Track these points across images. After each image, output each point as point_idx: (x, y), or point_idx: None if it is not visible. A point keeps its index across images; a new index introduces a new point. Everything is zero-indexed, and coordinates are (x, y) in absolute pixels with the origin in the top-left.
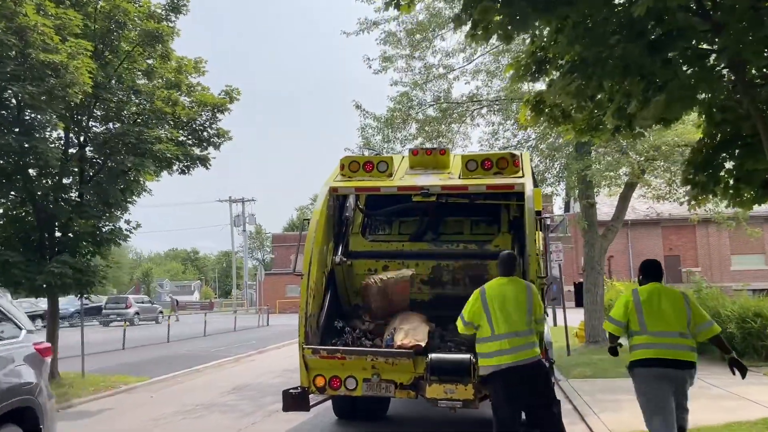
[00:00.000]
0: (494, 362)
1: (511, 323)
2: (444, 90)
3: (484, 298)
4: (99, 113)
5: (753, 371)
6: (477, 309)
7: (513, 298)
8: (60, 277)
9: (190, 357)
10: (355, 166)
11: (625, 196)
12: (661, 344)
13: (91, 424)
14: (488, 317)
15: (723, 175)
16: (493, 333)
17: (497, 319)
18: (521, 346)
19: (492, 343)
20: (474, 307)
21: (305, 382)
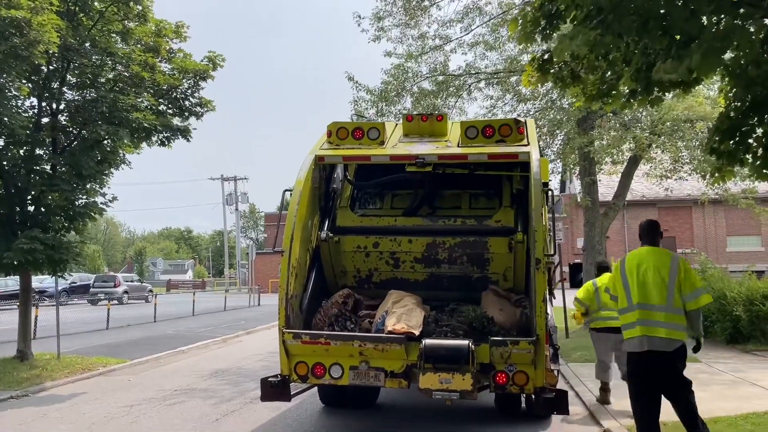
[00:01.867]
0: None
1: (646, 295)
2: (440, 63)
3: (623, 268)
4: (73, 80)
5: (761, 356)
6: (617, 278)
7: (653, 269)
8: (30, 254)
9: (175, 337)
10: (344, 133)
11: (628, 173)
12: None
13: (59, 410)
14: (625, 286)
15: (752, 143)
16: (631, 302)
17: (635, 289)
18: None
19: (628, 314)
20: (615, 276)
21: (285, 370)
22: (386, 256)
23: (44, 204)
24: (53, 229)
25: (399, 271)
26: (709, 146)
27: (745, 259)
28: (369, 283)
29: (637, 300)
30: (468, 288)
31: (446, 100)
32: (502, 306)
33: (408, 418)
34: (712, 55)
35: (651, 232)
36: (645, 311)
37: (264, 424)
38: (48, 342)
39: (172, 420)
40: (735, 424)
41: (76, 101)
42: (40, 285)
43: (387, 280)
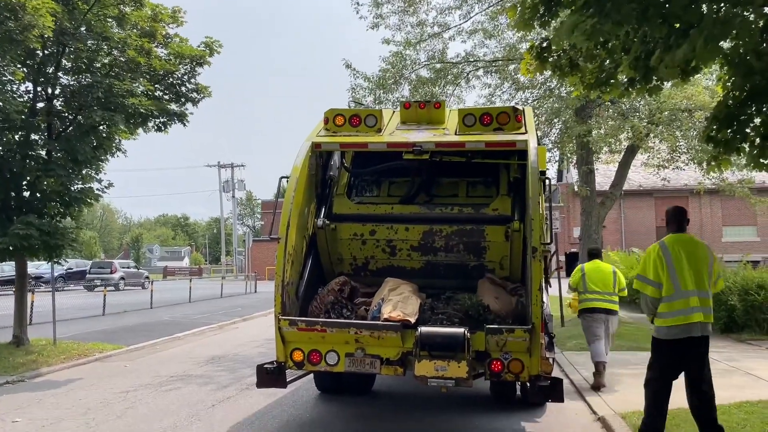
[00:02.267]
0: (680, 321)
1: (698, 281)
2: (438, 50)
3: (666, 252)
4: (68, 64)
5: (755, 345)
6: (660, 264)
7: (695, 256)
8: (26, 240)
9: (171, 324)
10: (341, 120)
11: (625, 163)
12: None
13: (55, 395)
14: (672, 273)
15: (749, 133)
16: (680, 289)
17: (683, 274)
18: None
19: (677, 302)
20: (657, 262)
21: (281, 357)
22: (383, 243)
23: (39, 189)
24: (49, 214)
25: (395, 259)
26: (707, 134)
27: (741, 249)
28: (365, 271)
29: (688, 287)
30: (464, 276)
31: (444, 88)
32: (498, 294)
33: (403, 406)
34: (711, 43)
35: (680, 217)
36: (695, 298)
37: (260, 411)
38: (44, 328)
39: (168, 406)
40: (729, 413)
41: (71, 86)
42: (36, 271)
43: (383, 267)
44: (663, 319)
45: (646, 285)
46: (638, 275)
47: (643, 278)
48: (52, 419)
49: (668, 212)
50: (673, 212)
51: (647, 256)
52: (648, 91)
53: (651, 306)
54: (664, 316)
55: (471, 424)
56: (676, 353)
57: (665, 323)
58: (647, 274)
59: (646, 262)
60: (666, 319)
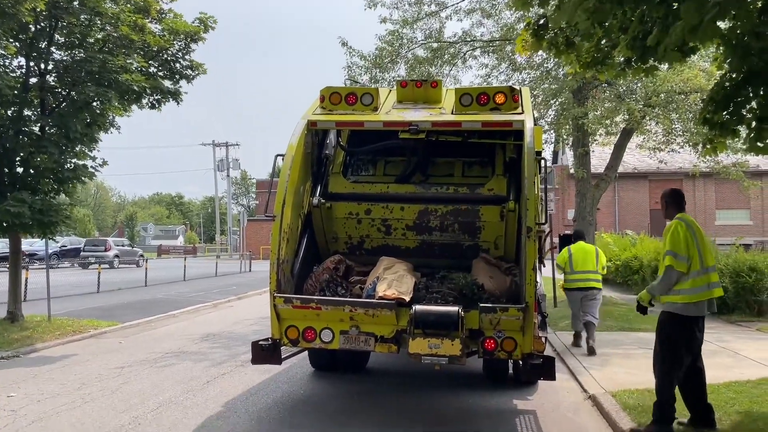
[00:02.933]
0: (704, 297)
1: (709, 258)
2: (435, 29)
3: (692, 229)
4: (61, 39)
5: (745, 327)
6: (690, 240)
7: (701, 230)
8: (18, 217)
9: (166, 302)
10: (337, 98)
11: (621, 145)
12: None
13: (51, 370)
14: (699, 250)
15: (746, 115)
16: (703, 265)
17: (706, 251)
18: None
19: (702, 278)
20: (687, 238)
21: (276, 334)
22: (378, 223)
23: (33, 166)
24: (42, 191)
25: (390, 238)
26: (703, 116)
27: (734, 232)
28: (360, 250)
29: (709, 263)
30: (459, 256)
31: (441, 67)
32: (493, 274)
33: (397, 383)
34: (708, 23)
35: (682, 198)
36: (715, 274)
37: (254, 387)
38: (38, 304)
39: (163, 382)
40: (717, 392)
41: (64, 61)
42: (29, 248)
43: (378, 247)
44: (686, 296)
45: (680, 262)
46: (670, 252)
47: (676, 255)
48: (48, 394)
49: (668, 194)
50: (673, 194)
51: (676, 233)
52: (644, 72)
53: (674, 282)
54: (688, 293)
55: (463, 401)
56: (697, 329)
57: (690, 299)
58: (680, 250)
59: (676, 239)
60: (690, 295)
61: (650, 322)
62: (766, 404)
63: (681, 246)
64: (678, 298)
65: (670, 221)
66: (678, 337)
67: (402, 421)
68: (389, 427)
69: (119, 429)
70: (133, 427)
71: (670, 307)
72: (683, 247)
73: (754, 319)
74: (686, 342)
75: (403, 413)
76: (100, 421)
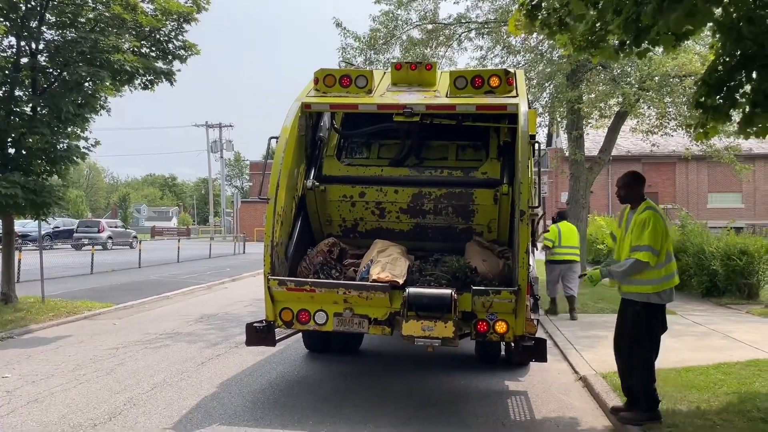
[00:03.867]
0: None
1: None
2: (430, 11)
3: (664, 219)
4: (52, 18)
5: (735, 309)
6: (664, 231)
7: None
8: (10, 198)
9: (160, 283)
10: (331, 81)
11: (615, 128)
12: None
13: (44, 351)
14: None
15: (739, 99)
16: (669, 254)
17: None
18: None
19: (673, 263)
20: (662, 230)
21: (271, 316)
22: (372, 206)
23: (25, 147)
24: (35, 172)
25: (384, 221)
26: (696, 100)
27: (725, 215)
28: (354, 233)
29: (671, 250)
30: (452, 239)
31: (436, 50)
32: (486, 257)
33: (390, 364)
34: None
35: (643, 182)
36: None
37: (249, 368)
38: (32, 285)
39: (158, 363)
40: (706, 373)
41: (55, 41)
42: (23, 229)
43: (372, 230)
44: (661, 284)
45: (654, 256)
46: (649, 247)
47: (652, 249)
48: (42, 375)
49: (630, 178)
50: (635, 177)
51: (655, 227)
52: (638, 55)
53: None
54: (664, 281)
55: (456, 382)
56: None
57: (666, 286)
58: (655, 245)
59: (656, 233)
60: (665, 283)
61: None
62: (754, 385)
63: (658, 241)
64: (655, 288)
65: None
66: (656, 324)
67: (395, 402)
68: (382, 408)
69: (114, 410)
70: (128, 408)
71: (644, 297)
72: (660, 241)
73: (744, 301)
74: (662, 328)
75: (396, 394)
76: (95, 401)
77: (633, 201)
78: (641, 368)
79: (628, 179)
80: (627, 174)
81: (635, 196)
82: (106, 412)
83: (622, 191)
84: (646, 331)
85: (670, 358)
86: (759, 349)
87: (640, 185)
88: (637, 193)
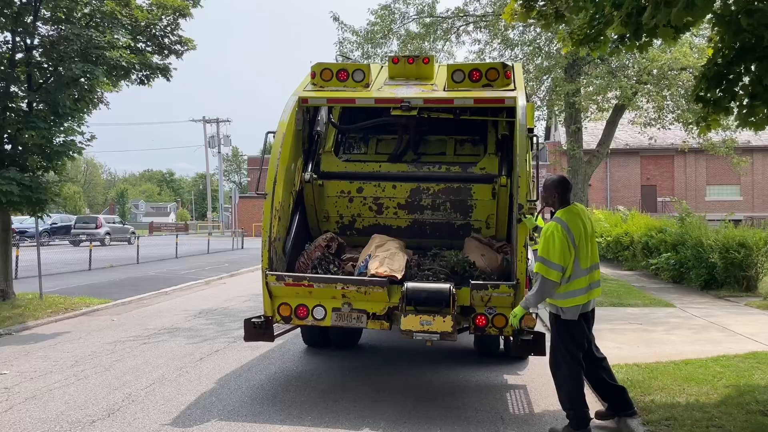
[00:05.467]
0: (583, 300)
1: (592, 256)
2: (428, 4)
3: (570, 232)
4: (47, 14)
5: (733, 302)
6: (567, 247)
7: (587, 227)
8: (6, 195)
9: (158, 279)
10: (328, 75)
11: (613, 121)
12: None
13: (42, 348)
14: (576, 252)
15: (738, 92)
16: (580, 268)
17: (582, 252)
18: (599, 281)
19: (582, 279)
20: (564, 245)
21: (269, 311)
22: (370, 201)
23: (21, 142)
24: (31, 168)
25: (382, 217)
26: (695, 94)
27: (724, 208)
28: (352, 229)
29: (588, 264)
30: (451, 236)
31: (434, 43)
32: (485, 251)
33: (389, 359)
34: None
35: (567, 187)
36: (597, 272)
37: (247, 364)
38: (30, 282)
39: (156, 359)
40: (705, 366)
41: (50, 36)
42: (20, 225)
43: (370, 226)
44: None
45: (550, 270)
46: (543, 259)
47: (547, 262)
48: (41, 371)
49: (554, 183)
50: (559, 183)
51: (551, 238)
52: (638, 48)
53: (550, 292)
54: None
55: (455, 376)
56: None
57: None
58: (552, 257)
59: (549, 245)
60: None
61: (640, 298)
62: (753, 378)
63: (554, 253)
64: (563, 303)
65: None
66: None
67: (394, 396)
68: (381, 402)
69: (113, 406)
70: (127, 404)
71: (557, 312)
72: (557, 253)
73: (743, 294)
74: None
75: (394, 388)
76: (93, 398)
77: (555, 206)
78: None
79: (548, 183)
80: (550, 178)
81: (555, 202)
82: (104, 408)
83: (544, 194)
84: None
85: (668, 350)
86: (757, 341)
87: (553, 193)
88: (561, 199)
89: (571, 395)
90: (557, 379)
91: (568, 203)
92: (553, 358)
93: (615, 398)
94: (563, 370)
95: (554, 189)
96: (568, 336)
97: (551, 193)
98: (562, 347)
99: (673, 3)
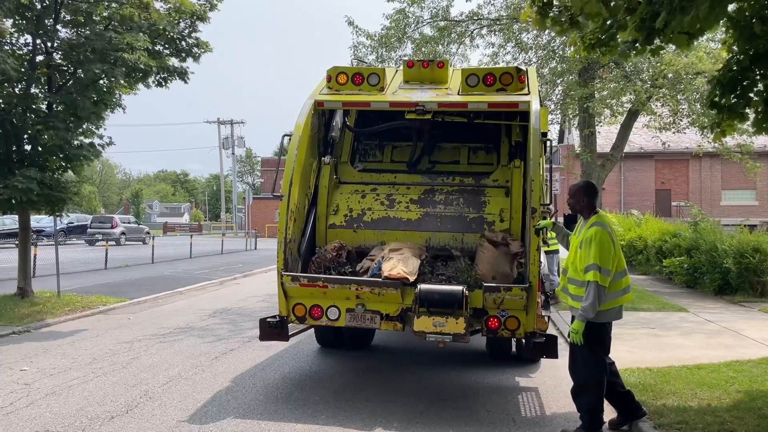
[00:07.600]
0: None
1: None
2: (443, 8)
3: (613, 236)
4: (67, 17)
5: (747, 307)
6: (615, 252)
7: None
8: (26, 193)
9: (173, 279)
10: (344, 78)
11: (627, 125)
12: None
13: (60, 345)
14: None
15: (753, 98)
16: (618, 271)
17: (619, 255)
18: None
19: (620, 281)
20: (612, 251)
21: (284, 311)
22: (382, 197)
23: (41, 143)
24: (50, 168)
25: (393, 210)
26: (710, 100)
27: (739, 213)
28: (359, 222)
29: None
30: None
31: (448, 47)
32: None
33: (401, 360)
34: (717, 7)
35: (595, 192)
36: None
37: (261, 363)
38: (47, 280)
39: (173, 357)
40: (718, 371)
41: (70, 39)
42: (37, 225)
43: (380, 219)
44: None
45: (605, 277)
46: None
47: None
48: (60, 368)
49: (582, 188)
50: (588, 187)
51: (603, 244)
52: (651, 53)
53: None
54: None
55: (467, 378)
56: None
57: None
58: (605, 263)
59: (604, 251)
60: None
61: (653, 302)
62: (765, 383)
63: (608, 259)
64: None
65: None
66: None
67: (406, 397)
68: (394, 403)
69: (131, 402)
70: (144, 401)
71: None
72: (610, 260)
73: (757, 299)
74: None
75: (407, 389)
76: (112, 394)
77: (583, 212)
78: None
79: (575, 189)
80: (577, 184)
81: (584, 207)
82: (122, 404)
83: (571, 200)
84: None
85: (680, 355)
86: None
87: (583, 197)
88: (589, 204)
89: (591, 399)
90: (579, 382)
91: (595, 208)
92: (581, 362)
93: (625, 404)
94: (586, 373)
95: (583, 194)
96: (597, 339)
97: (579, 199)
98: (588, 351)
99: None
